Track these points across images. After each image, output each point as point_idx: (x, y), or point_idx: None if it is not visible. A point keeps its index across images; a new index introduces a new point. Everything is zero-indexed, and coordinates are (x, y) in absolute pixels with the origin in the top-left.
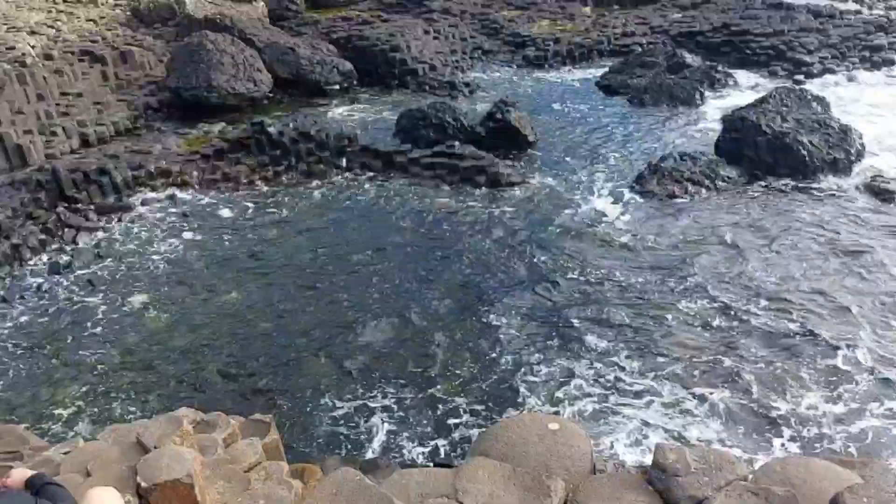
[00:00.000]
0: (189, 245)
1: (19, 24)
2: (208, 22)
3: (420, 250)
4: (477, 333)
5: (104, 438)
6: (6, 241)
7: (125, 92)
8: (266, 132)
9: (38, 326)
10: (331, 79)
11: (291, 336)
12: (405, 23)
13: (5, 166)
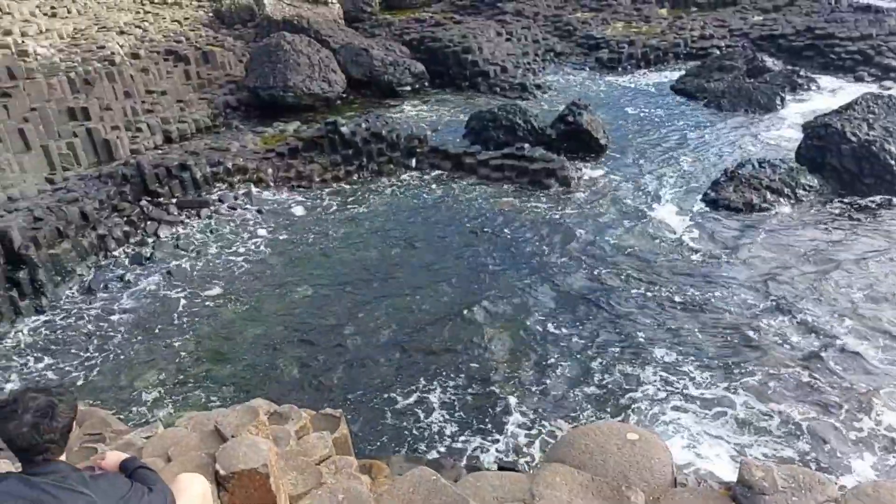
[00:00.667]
0: (263, 240)
1: (109, 25)
2: (286, 23)
3: (485, 251)
4: (537, 337)
5: (183, 425)
6: (93, 232)
7: (206, 91)
8: (339, 132)
9: (120, 315)
10: (403, 80)
11: (359, 331)
12: (477, 24)
13: (94, 160)
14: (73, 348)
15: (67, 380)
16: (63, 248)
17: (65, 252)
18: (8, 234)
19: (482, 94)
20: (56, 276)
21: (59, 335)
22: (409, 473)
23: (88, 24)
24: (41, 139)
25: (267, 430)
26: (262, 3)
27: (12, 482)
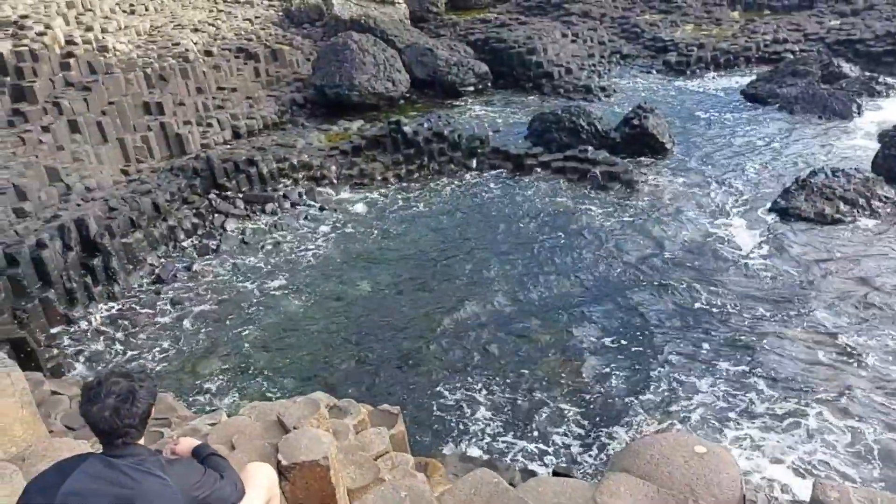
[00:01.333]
0: (325, 236)
1: (184, 22)
2: (353, 22)
3: (542, 255)
4: (590, 344)
5: (247, 414)
6: (164, 223)
7: (274, 88)
8: (401, 131)
9: (187, 303)
10: (466, 80)
11: (414, 329)
12: (543, 26)
13: (166, 153)
14: (141, 334)
15: (135, 364)
16: (135, 238)
17: (137, 241)
18: (85, 223)
19: (546, 95)
20: (128, 265)
21: (129, 321)
22: (471, 475)
23: (164, 22)
24: (118, 132)
25: (327, 423)
26: (330, 3)
27: (93, 462)
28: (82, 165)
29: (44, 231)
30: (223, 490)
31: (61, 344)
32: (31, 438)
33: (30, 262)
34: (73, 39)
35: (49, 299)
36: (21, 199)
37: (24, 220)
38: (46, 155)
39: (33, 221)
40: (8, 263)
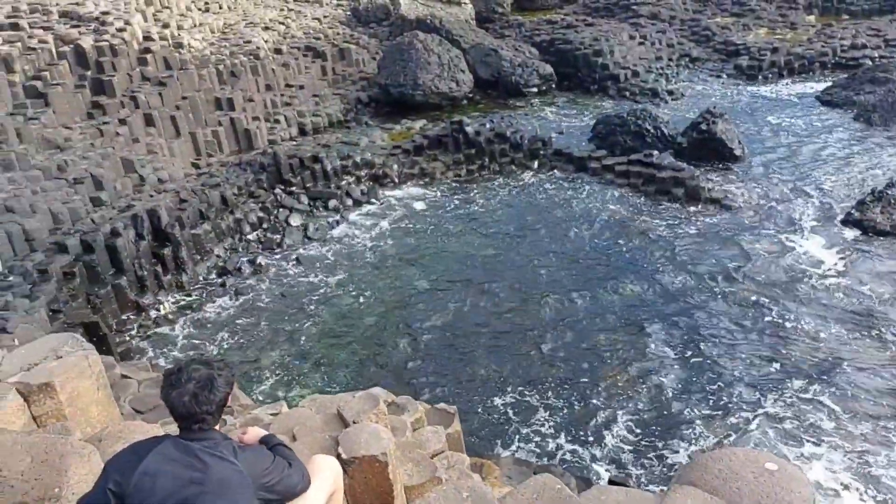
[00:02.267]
0: (385, 233)
1: (256, 21)
2: (419, 22)
3: (604, 261)
4: (650, 353)
5: (308, 406)
6: (231, 216)
7: (340, 86)
8: (464, 131)
9: (250, 294)
10: (530, 81)
11: (470, 328)
12: (610, 27)
13: (235, 148)
14: (206, 323)
15: (199, 352)
16: (204, 230)
17: (205, 233)
18: (157, 213)
19: (611, 97)
20: (196, 255)
21: (195, 310)
22: (532, 480)
23: (237, 20)
24: (190, 126)
25: (386, 419)
26: (397, 3)
27: (168, 445)
28: (156, 158)
29: (118, 220)
30: (291, 478)
31: (131, 329)
32: (106, 420)
33: (104, 250)
34: (151, 36)
35: (121, 286)
36: (98, 189)
37: (100, 208)
38: (122, 147)
39: (108, 210)
40: (84, 250)
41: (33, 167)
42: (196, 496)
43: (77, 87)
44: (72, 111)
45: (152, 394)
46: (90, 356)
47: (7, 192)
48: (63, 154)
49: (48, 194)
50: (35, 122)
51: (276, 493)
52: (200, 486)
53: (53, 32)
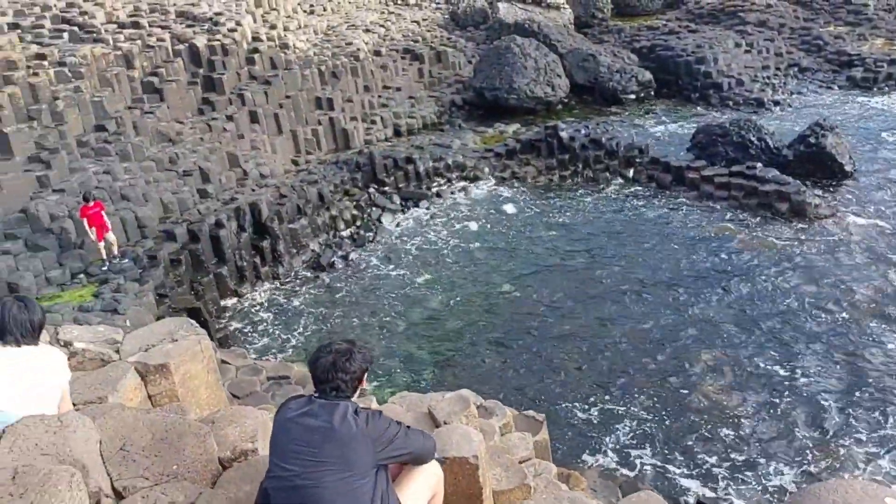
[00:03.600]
0: (474, 235)
1: (357, 23)
2: (517, 27)
3: (700, 275)
4: (753, 374)
5: (397, 403)
6: (326, 212)
7: (435, 89)
8: (558, 136)
9: (342, 290)
10: (628, 87)
11: (558, 336)
12: (715, 34)
13: (333, 147)
14: (299, 315)
15: (291, 342)
16: (301, 224)
17: (302, 228)
18: (258, 207)
19: (712, 106)
20: (292, 249)
21: (289, 302)
22: (636, 496)
23: (340, 22)
24: (291, 124)
25: (476, 421)
26: (495, 7)
27: (310, 401)
28: (258, 153)
29: (222, 212)
30: (414, 440)
31: (229, 316)
32: (213, 402)
33: (209, 240)
34: (259, 36)
35: (222, 275)
36: (205, 181)
37: (206, 200)
38: (229, 142)
39: (214, 202)
40: (190, 239)
41: (147, 158)
42: (320, 443)
43: (190, 84)
44: (184, 106)
45: (248, 380)
46: (202, 341)
47: (123, 181)
48: (174, 147)
49: (160, 184)
50: (150, 116)
51: (399, 451)
52: (323, 435)
53: (170, 31)
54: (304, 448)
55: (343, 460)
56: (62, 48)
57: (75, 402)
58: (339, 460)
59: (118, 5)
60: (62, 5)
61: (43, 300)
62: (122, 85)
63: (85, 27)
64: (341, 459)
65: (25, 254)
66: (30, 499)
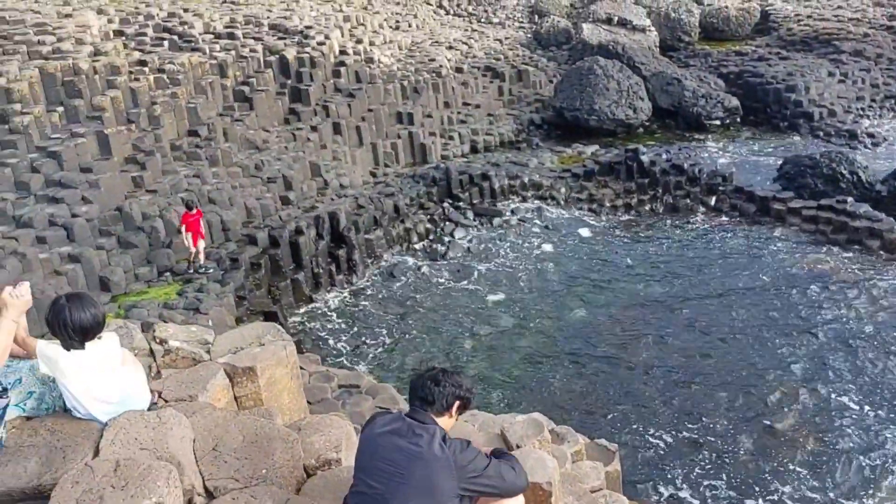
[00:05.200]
0: (547, 256)
1: (441, 40)
2: (601, 48)
3: (783, 309)
4: (833, 411)
5: (470, 421)
6: (401, 224)
7: (515, 107)
8: (638, 160)
9: (412, 302)
10: (713, 113)
11: (631, 364)
12: (807, 62)
13: (410, 161)
14: (370, 325)
15: (361, 351)
16: (376, 235)
17: (377, 238)
18: (337, 216)
19: (801, 136)
20: (367, 258)
21: (361, 310)
22: None
23: (424, 39)
24: (372, 137)
25: (549, 447)
26: (579, 27)
27: (401, 418)
28: (339, 164)
29: (302, 219)
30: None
31: (303, 322)
32: (294, 408)
33: (288, 246)
34: (346, 50)
35: (299, 281)
36: (287, 189)
37: (287, 207)
38: (312, 152)
39: (294, 209)
40: (271, 244)
41: (234, 164)
42: (406, 464)
43: (278, 94)
44: (271, 115)
45: (320, 386)
46: (287, 346)
47: (211, 185)
48: (260, 154)
49: (245, 190)
50: (240, 124)
51: (484, 485)
52: (409, 455)
53: (263, 43)
54: (390, 467)
55: (427, 485)
56: (162, 56)
57: (167, 399)
58: (422, 484)
59: (216, 17)
60: (164, 15)
61: (131, 296)
62: (216, 93)
63: (184, 36)
64: (425, 483)
65: (117, 250)
66: (130, 491)
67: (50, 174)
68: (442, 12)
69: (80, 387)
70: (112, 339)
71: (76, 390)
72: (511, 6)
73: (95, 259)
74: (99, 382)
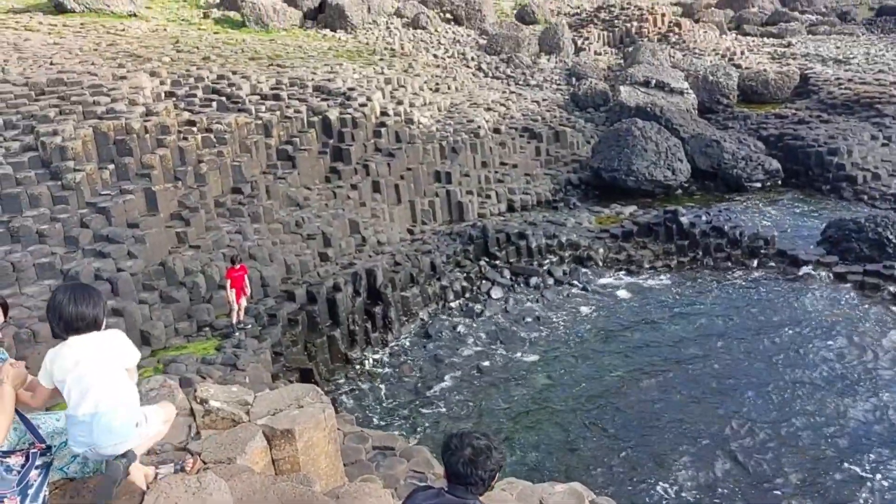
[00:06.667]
0: (584, 318)
1: (479, 101)
2: (638, 110)
3: (826, 371)
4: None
5: (506, 490)
6: (437, 282)
7: (552, 167)
8: (678, 221)
9: (447, 361)
10: (754, 176)
11: (670, 431)
12: (849, 126)
13: (447, 218)
14: (404, 384)
15: (396, 411)
16: (412, 293)
17: (413, 296)
18: (374, 273)
19: (845, 200)
20: (402, 316)
21: (396, 369)
22: None
23: (462, 100)
24: (410, 195)
25: None
26: (617, 89)
27: (432, 493)
28: (377, 221)
29: (340, 276)
30: None
31: (338, 380)
32: (331, 472)
33: (325, 302)
34: (387, 111)
35: (335, 338)
36: (326, 245)
37: (325, 263)
38: (351, 209)
39: (332, 266)
40: (308, 300)
41: (276, 220)
42: None
43: (320, 153)
44: (313, 174)
45: (354, 447)
46: (326, 409)
47: (252, 241)
48: (301, 211)
49: (285, 246)
50: (282, 182)
51: None
52: None
53: (307, 104)
54: None
55: None
56: (210, 116)
57: (206, 461)
58: None
59: (263, 79)
60: (213, 77)
61: (170, 350)
62: (260, 151)
63: (232, 98)
64: None
65: (159, 304)
66: None
67: (98, 229)
68: (480, 75)
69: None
70: (107, 341)
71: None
72: (548, 69)
73: (137, 313)
74: (72, 381)
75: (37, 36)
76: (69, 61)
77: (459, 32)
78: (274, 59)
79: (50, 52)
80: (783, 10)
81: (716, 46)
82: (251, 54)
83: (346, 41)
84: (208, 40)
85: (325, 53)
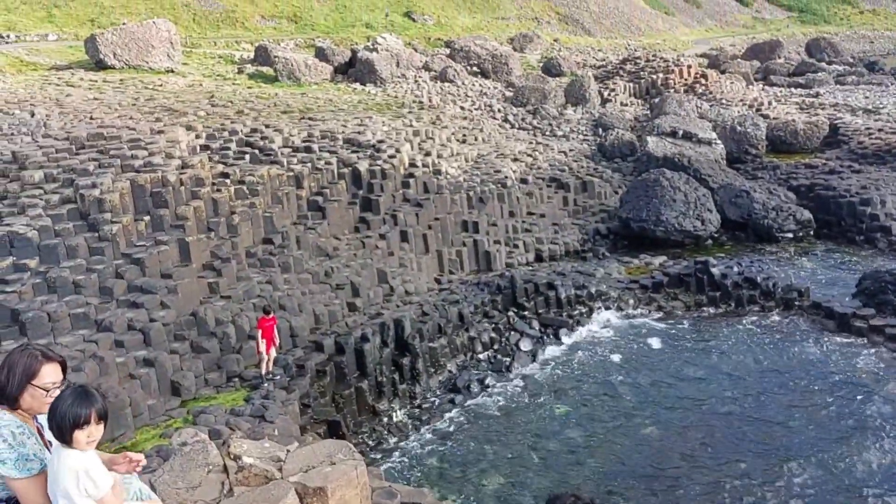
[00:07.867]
0: (616, 369)
1: (506, 152)
2: (666, 160)
3: (872, 432)
4: None
5: None
6: (465, 333)
7: (580, 217)
8: (709, 272)
9: (476, 415)
10: (784, 226)
11: (704, 487)
12: (881, 176)
13: (475, 268)
14: (431, 438)
15: (423, 466)
16: (440, 343)
17: (441, 347)
18: (402, 323)
19: (880, 251)
20: (430, 368)
21: (423, 423)
22: None
23: (489, 151)
24: (437, 245)
25: None
26: (644, 140)
27: None
28: (405, 271)
29: (368, 326)
30: None
31: (365, 432)
32: None
33: (353, 353)
34: (415, 162)
35: (362, 389)
36: (354, 295)
37: (353, 313)
38: (379, 259)
39: (360, 316)
40: (336, 351)
41: (305, 270)
42: None
43: (349, 204)
44: (343, 224)
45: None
46: (358, 467)
47: (282, 291)
48: (330, 261)
49: (314, 296)
50: (312, 232)
51: None
52: None
53: (337, 156)
54: None
55: None
56: (243, 168)
57: None
58: None
59: (294, 132)
60: (247, 130)
61: (199, 401)
62: (291, 202)
63: (264, 150)
64: None
65: (190, 354)
66: None
67: (133, 280)
68: (507, 126)
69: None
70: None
71: None
72: (575, 120)
73: (168, 363)
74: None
75: (78, 91)
76: (109, 116)
77: (486, 85)
78: (305, 112)
79: (90, 108)
80: (810, 60)
81: (743, 97)
82: (283, 108)
83: (376, 94)
84: (242, 95)
85: (355, 106)
